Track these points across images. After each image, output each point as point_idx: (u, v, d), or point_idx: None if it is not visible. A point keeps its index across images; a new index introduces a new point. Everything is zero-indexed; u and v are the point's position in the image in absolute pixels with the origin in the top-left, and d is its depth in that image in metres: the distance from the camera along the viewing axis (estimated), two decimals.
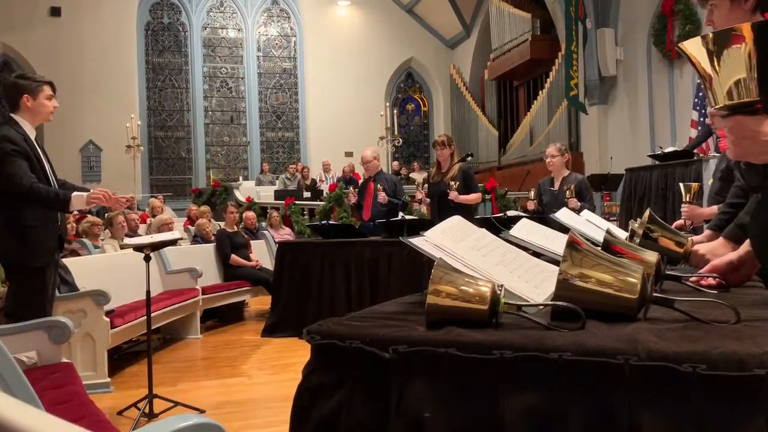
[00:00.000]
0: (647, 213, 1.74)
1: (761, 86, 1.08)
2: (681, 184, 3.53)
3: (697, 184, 3.50)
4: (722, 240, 1.70)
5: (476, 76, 17.62)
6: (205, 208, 9.43)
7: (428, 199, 5.83)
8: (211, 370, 4.85)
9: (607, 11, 11.85)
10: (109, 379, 4.24)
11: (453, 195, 5.39)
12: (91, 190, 3.44)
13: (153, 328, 4.26)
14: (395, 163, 15.80)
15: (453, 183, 5.41)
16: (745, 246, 1.50)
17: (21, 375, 1.83)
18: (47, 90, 3.43)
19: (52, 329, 2.75)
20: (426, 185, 6.04)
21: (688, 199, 3.42)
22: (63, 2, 15.89)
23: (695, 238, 1.99)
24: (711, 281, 1.44)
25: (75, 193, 3.35)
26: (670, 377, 0.84)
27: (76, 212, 9.55)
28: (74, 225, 7.40)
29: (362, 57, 17.79)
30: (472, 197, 5.61)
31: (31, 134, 3.40)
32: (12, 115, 3.39)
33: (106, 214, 9.29)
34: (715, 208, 3.07)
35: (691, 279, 1.45)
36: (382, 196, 5.99)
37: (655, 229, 1.69)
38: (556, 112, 13.60)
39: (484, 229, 1.49)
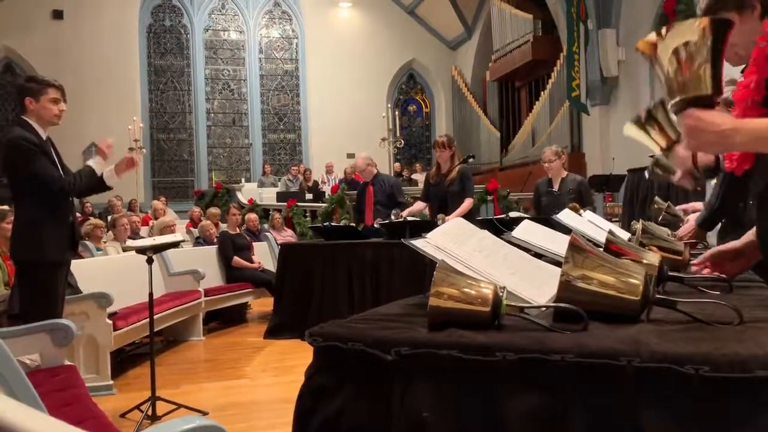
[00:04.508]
0: (640, 226, 1.75)
1: (714, 81, 1.11)
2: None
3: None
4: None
5: (478, 77, 17.62)
6: (215, 210, 9.40)
7: (423, 203, 5.81)
8: (214, 372, 4.85)
9: (609, 12, 11.84)
10: (111, 382, 4.24)
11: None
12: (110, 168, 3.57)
13: (156, 330, 4.27)
14: (397, 164, 15.79)
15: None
16: (748, 236, 1.51)
17: (24, 378, 1.84)
18: (51, 93, 3.41)
19: (55, 332, 2.75)
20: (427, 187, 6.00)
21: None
22: (65, 5, 15.93)
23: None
24: (707, 271, 1.46)
25: (105, 171, 3.52)
26: (672, 379, 0.84)
27: (78, 214, 9.57)
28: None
29: (364, 58, 17.81)
30: (464, 207, 5.47)
31: (43, 136, 3.42)
32: (23, 117, 3.42)
33: (109, 217, 9.32)
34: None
35: (692, 264, 1.48)
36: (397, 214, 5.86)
37: (649, 241, 1.69)
38: (558, 113, 13.59)
39: (485, 231, 1.49)
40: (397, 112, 15.48)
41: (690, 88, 1.11)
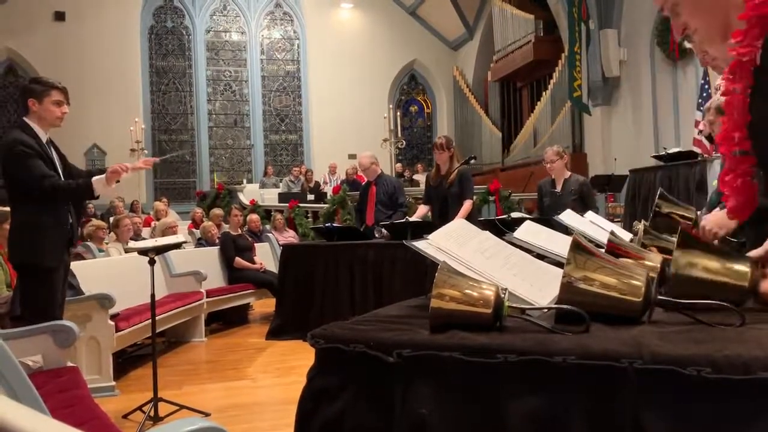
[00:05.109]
0: (641, 227, 1.74)
1: (741, 261, 1.15)
2: None
3: None
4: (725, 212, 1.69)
5: (479, 78, 17.62)
6: (218, 211, 9.41)
7: (426, 207, 5.76)
8: (216, 373, 4.86)
9: (610, 12, 11.84)
10: (114, 383, 4.24)
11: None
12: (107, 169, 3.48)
13: (158, 331, 4.27)
14: (398, 165, 15.80)
15: None
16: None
17: (26, 379, 1.84)
18: (55, 95, 3.41)
19: (57, 333, 2.75)
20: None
21: None
22: (67, 7, 15.96)
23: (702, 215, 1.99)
24: None
25: (95, 178, 3.42)
26: (674, 380, 0.83)
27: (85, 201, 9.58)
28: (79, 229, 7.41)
29: (365, 59, 17.81)
30: (464, 209, 5.38)
31: (43, 138, 3.41)
32: (24, 118, 3.42)
33: (111, 218, 9.33)
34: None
35: None
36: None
37: (651, 242, 1.69)
38: (560, 114, 13.59)
39: (487, 232, 1.49)
40: (398, 113, 15.48)
41: (736, 280, 1.14)
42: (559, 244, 1.73)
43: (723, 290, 1.13)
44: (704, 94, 8.71)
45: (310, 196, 13.07)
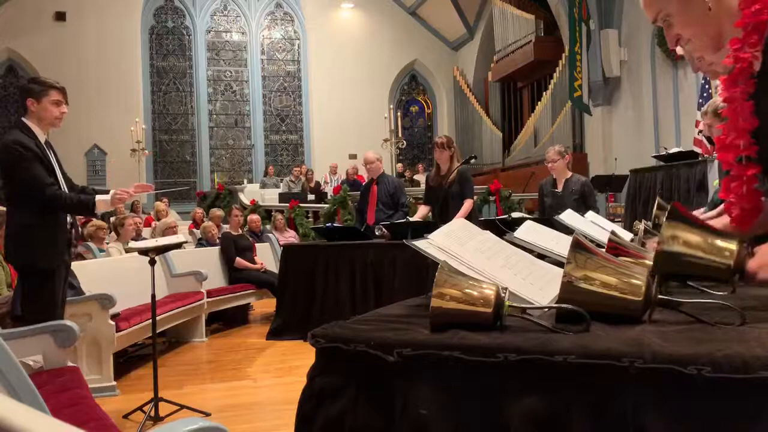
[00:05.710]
0: (642, 227, 1.74)
1: (723, 238, 1.13)
2: None
3: None
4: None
5: (480, 78, 17.63)
6: (219, 212, 9.43)
7: (427, 207, 5.73)
8: (217, 373, 4.86)
9: (611, 12, 11.84)
10: (114, 383, 4.24)
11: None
12: (112, 191, 3.52)
13: (158, 331, 4.27)
14: (399, 165, 15.81)
15: None
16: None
17: (27, 379, 1.84)
18: (54, 95, 3.40)
19: (58, 333, 2.75)
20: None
21: None
22: (68, 7, 15.98)
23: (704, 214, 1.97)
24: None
25: (98, 197, 3.46)
26: (675, 380, 0.83)
27: (81, 216, 9.58)
28: (80, 228, 7.41)
29: (366, 59, 17.82)
30: (464, 209, 5.37)
31: (41, 138, 3.41)
32: (23, 119, 3.41)
33: (111, 219, 9.34)
34: None
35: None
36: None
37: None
38: (560, 114, 13.59)
39: (488, 232, 1.49)
40: (399, 113, 15.48)
41: (722, 258, 1.12)
42: (559, 244, 1.73)
43: (707, 267, 1.13)
44: (705, 95, 8.70)
45: (311, 196, 13.08)
